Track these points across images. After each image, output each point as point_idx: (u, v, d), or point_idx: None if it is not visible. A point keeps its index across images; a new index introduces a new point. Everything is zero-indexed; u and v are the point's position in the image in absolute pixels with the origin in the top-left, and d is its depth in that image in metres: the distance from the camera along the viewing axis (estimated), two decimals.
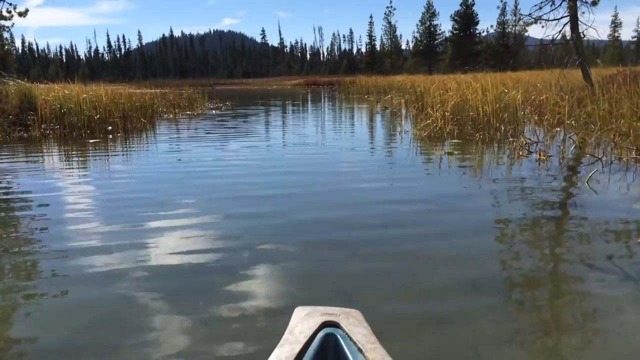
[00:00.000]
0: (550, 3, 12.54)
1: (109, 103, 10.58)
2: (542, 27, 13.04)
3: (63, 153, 7.71)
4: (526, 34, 71.86)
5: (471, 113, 8.50)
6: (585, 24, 12.19)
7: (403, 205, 4.12)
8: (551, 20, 12.67)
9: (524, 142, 6.45)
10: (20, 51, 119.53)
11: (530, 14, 12.87)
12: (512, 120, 8.19)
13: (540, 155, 5.81)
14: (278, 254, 3.00)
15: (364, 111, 16.31)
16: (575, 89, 11.56)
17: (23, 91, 10.52)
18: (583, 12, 11.92)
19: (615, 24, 79.59)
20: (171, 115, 14.74)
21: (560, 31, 12.71)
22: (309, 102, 24.17)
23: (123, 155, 7.36)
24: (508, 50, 71.26)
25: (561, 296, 2.43)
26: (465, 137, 7.84)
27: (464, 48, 68.26)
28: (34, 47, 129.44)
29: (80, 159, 7.10)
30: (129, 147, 8.23)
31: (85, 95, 10.40)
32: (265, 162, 6.46)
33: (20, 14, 13.16)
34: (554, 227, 3.48)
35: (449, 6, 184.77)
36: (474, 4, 68.72)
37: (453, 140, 7.56)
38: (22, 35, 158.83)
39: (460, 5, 68.81)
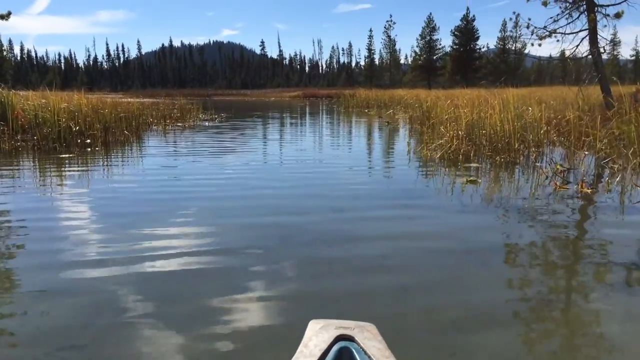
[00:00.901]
0: (567, 16, 11.79)
1: (90, 113, 9.68)
2: (557, 40, 12.30)
3: (27, 169, 6.79)
4: (526, 50, 72.14)
5: (484, 132, 7.64)
6: (605, 39, 11.44)
7: (418, 242, 3.36)
8: (568, 34, 11.92)
9: (557, 169, 5.56)
10: (19, 58, 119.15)
11: (545, 27, 12.12)
12: (535, 141, 7.33)
13: (581, 187, 4.92)
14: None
15: (366, 126, 15.45)
16: (595, 107, 10.75)
17: None
18: (605, 25, 11.17)
19: (615, 42, 79.57)
20: (160, 127, 13.85)
21: (577, 45, 11.95)
22: (307, 115, 23.34)
23: (96, 171, 6.44)
24: (508, 66, 71.14)
25: None
26: (485, 161, 6.96)
27: (464, 63, 67.96)
28: (33, 54, 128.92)
29: (47, 175, 6.18)
30: (106, 162, 7.31)
31: (65, 104, 9.52)
32: (255, 182, 5.56)
33: (2, 17, 12.30)
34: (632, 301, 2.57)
35: (450, 21, 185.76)
36: (474, 20, 68.65)
37: (470, 164, 6.68)
38: (21, 43, 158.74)
39: (461, 20, 68.73)
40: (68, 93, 11.79)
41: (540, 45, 12.47)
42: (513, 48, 71.53)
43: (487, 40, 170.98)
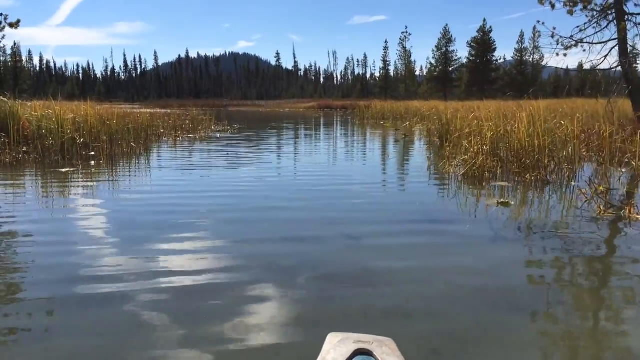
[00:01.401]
0: (595, 24, 11.21)
1: (96, 124, 9.36)
2: (584, 50, 11.70)
3: (22, 184, 6.41)
4: (544, 62, 71.06)
5: (510, 147, 7.08)
6: (636, 49, 10.83)
7: (446, 279, 2.86)
8: (596, 44, 11.33)
9: (599, 190, 4.98)
10: (38, 69, 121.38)
11: (571, 36, 11.54)
12: (567, 158, 6.75)
13: (630, 212, 4.34)
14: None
15: (381, 139, 14.94)
16: (627, 121, 10.13)
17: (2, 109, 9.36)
18: (636, 35, 10.57)
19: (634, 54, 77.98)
20: (171, 139, 13.52)
21: (605, 56, 11.34)
22: (322, 127, 22.92)
23: (97, 186, 6.04)
24: (525, 78, 70.18)
25: None
26: (513, 179, 6.41)
27: (481, 75, 67.26)
28: (52, 65, 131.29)
29: (43, 191, 5.79)
30: (109, 176, 6.92)
31: (71, 115, 9.21)
32: (265, 199, 5.10)
33: (12, 25, 12.13)
34: None
35: (465, 33, 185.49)
36: (491, 31, 67.99)
37: (499, 183, 6.13)
38: (40, 54, 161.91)
39: (478, 31, 68.13)
40: (77, 103, 11.54)
41: (565, 55, 11.88)
42: (531, 60, 70.71)
43: (503, 52, 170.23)
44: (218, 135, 15.14)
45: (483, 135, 7.25)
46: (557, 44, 11.62)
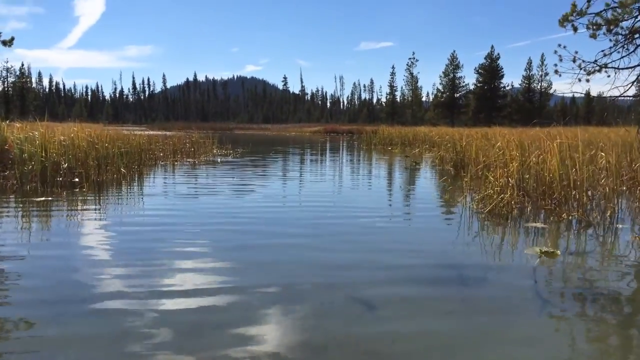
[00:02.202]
0: (622, 48, 10.51)
1: (85, 147, 8.65)
2: (608, 76, 10.98)
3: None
4: (551, 90, 70.63)
5: (541, 180, 6.28)
6: None
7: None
8: (622, 69, 10.61)
9: None
10: (47, 90, 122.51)
11: (595, 61, 10.84)
12: (606, 194, 5.92)
13: None
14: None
15: (391, 166, 14.16)
16: None
17: None
18: None
19: None
20: (169, 162, 12.83)
21: (633, 82, 10.61)
22: (329, 152, 22.22)
23: (69, 219, 5.28)
24: (533, 105, 69.66)
25: None
26: (547, 218, 5.58)
27: (488, 101, 66.88)
28: (61, 86, 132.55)
29: (16, 222, 5.04)
30: (89, 207, 6.15)
31: (61, 137, 8.52)
32: (262, 237, 4.30)
33: (5, 43, 11.60)
34: None
35: (471, 60, 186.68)
36: (499, 58, 67.87)
37: (533, 224, 5.28)
38: (50, 75, 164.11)
39: (485, 58, 68.01)
40: (68, 124, 10.91)
41: (588, 80, 11.17)
42: (538, 87, 70.35)
43: (507, 79, 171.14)
44: (219, 159, 14.43)
45: (509, 167, 6.44)
46: (580, 69, 10.91)
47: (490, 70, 67.13)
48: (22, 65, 64.51)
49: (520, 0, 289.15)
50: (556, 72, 10.62)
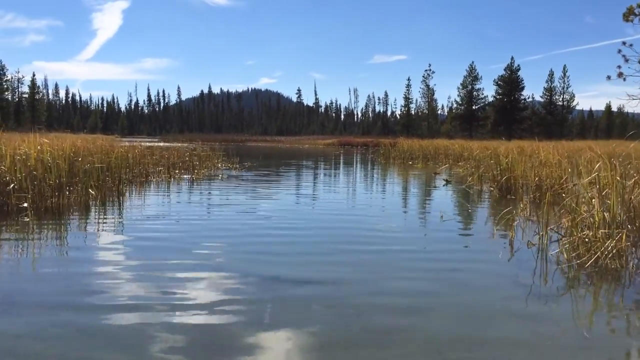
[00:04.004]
0: None
1: (50, 163, 6.99)
2: None
3: None
4: (574, 103, 68.15)
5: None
6: None
7: None
8: None
9: None
10: (63, 101, 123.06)
11: None
12: None
13: None
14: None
15: (419, 186, 12.28)
16: None
17: None
18: None
19: None
20: (162, 179, 11.17)
21: None
22: (344, 166, 20.44)
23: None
24: (555, 118, 67.26)
25: None
26: None
27: (508, 114, 64.59)
28: (77, 98, 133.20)
29: None
30: (29, 240, 4.47)
31: (21, 150, 6.88)
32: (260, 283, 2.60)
33: None
34: None
35: (486, 74, 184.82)
36: (519, 69, 65.77)
37: None
38: (67, 87, 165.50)
39: (505, 69, 65.94)
40: (69, 135, 9.33)
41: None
42: (560, 99, 67.98)
43: (532, 90, 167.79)
44: (220, 175, 12.69)
45: (602, 196, 4.58)
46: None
47: (510, 82, 65.07)
48: (34, 75, 63.77)
49: (533, 14, 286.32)
50: (620, 75, 8.74)
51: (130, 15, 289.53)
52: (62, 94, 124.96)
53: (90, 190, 7.07)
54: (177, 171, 12.79)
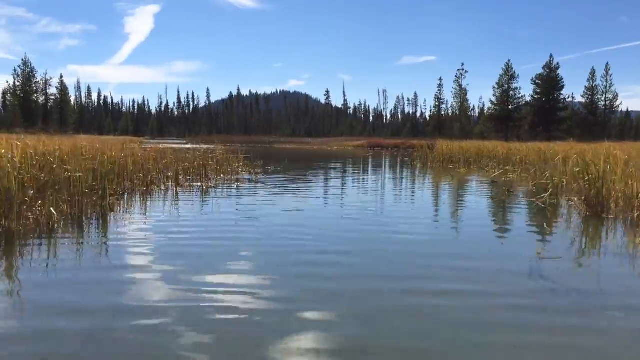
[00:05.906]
0: None
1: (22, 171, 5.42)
2: None
3: None
4: (617, 103, 64.19)
5: None
6: None
7: None
8: None
9: None
10: (95, 104, 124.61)
11: None
12: None
13: None
14: None
15: (477, 196, 10.18)
16: None
17: None
18: None
19: None
20: (167, 187, 9.57)
21: None
22: (377, 171, 18.52)
23: None
24: (597, 119, 63.56)
25: None
26: None
27: (547, 114, 61.20)
28: (109, 100, 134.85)
29: None
30: None
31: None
32: None
33: None
34: None
35: (523, 73, 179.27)
36: (558, 68, 62.30)
37: None
38: (99, 90, 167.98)
39: (543, 68, 62.61)
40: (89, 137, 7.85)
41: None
42: (603, 99, 64.19)
43: (573, 89, 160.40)
44: (236, 185, 10.92)
45: None
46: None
47: (549, 80, 61.73)
48: (61, 77, 63.97)
49: (566, 13, 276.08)
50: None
51: (162, 19, 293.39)
52: (94, 96, 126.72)
53: (62, 206, 5.41)
54: (188, 177, 11.20)
